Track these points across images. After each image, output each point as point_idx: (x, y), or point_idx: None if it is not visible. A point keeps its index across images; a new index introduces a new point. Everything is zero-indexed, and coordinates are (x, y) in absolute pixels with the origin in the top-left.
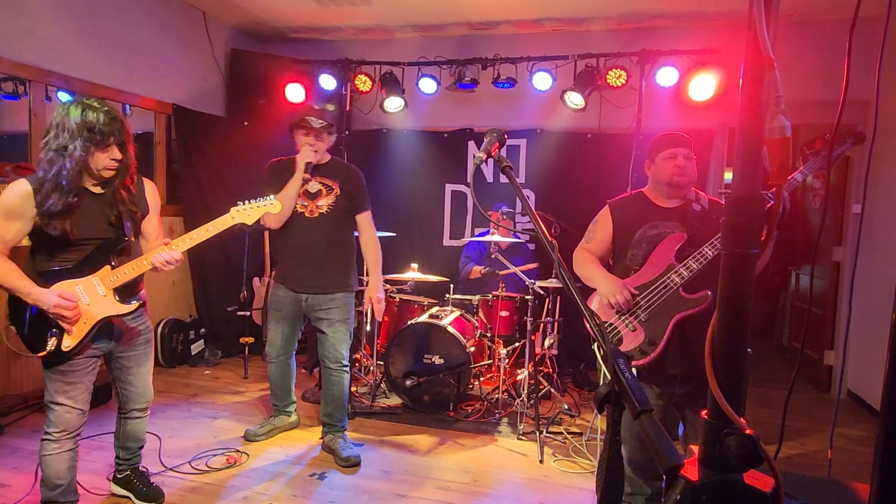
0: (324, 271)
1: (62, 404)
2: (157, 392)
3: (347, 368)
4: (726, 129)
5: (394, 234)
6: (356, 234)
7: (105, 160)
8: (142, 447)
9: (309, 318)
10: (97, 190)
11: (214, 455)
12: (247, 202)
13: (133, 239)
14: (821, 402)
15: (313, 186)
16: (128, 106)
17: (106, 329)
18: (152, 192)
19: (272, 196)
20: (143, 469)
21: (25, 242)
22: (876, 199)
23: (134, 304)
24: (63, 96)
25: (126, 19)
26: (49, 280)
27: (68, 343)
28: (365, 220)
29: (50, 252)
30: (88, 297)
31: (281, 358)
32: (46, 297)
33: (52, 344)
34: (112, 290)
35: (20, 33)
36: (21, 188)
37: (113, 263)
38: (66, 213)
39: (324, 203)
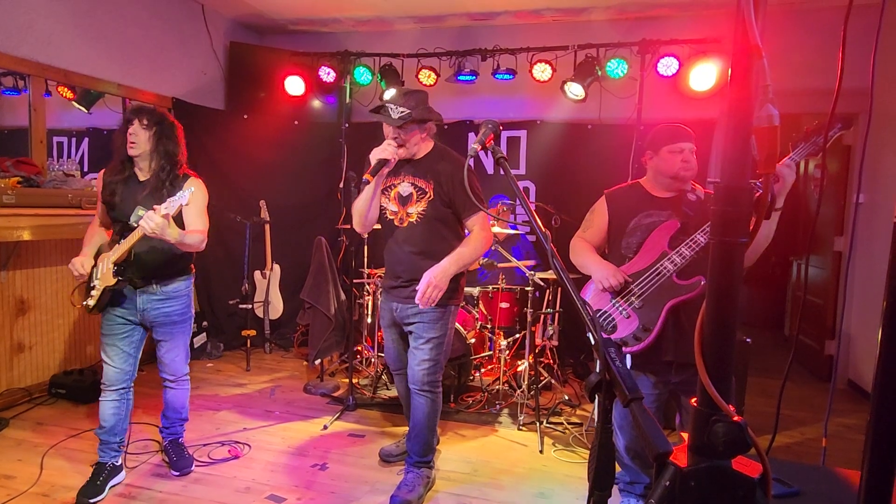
0: (412, 283)
1: (103, 360)
2: (158, 384)
3: (428, 393)
4: None
5: None
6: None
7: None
8: (183, 421)
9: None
10: (142, 177)
11: (216, 446)
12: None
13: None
14: (822, 392)
15: (405, 189)
16: (127, 100)
17: (117, 299)
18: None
19: (189, 189)
20: (182, 440)
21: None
22: (878, 187)
23: (113, 280)
24: (63, 91)
25: (124, 13)
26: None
27: (90, 304)
28: (473, 223)
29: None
30: (104, 269)
31: (404, 370)
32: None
33: (86, 302)
34: (113, 264)
35: (19, 28)
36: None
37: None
38: (112, 187)
39: (414, 210)
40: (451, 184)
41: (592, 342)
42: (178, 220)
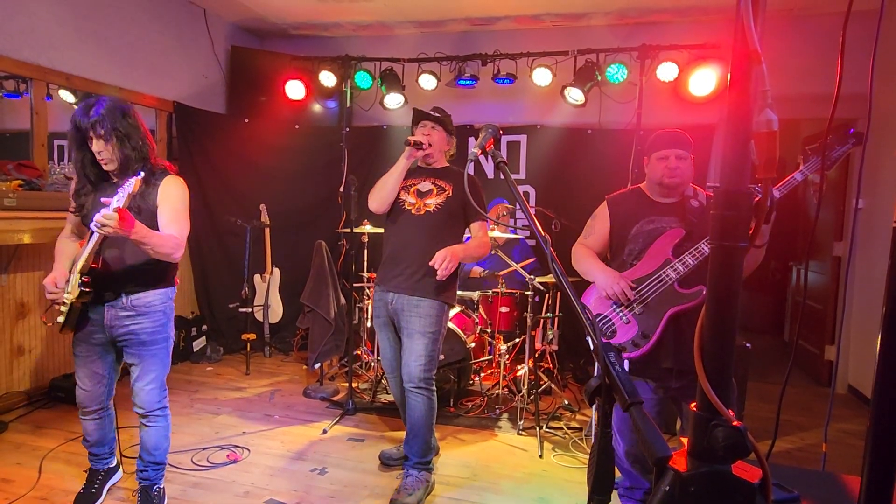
0: (416, 273)
1: (76, 380)
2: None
3: (424, 391)
4: None
5: None
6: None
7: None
8: (158, 466)
9: (395, 324)
10: (116, 179)
11: (216, 450)
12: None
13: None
14: (821, 397)
15: (425, 186)
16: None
17: (84, 317)
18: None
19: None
20: (156, 491)
21: None
22: (878, 192)
23: (75, 291)
24: (64, 94)
25: (126, 17)
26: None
27: (60, 320)
28: (478, 226)
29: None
30: (73, 282)
31: (398, 372)
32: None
33: (57, 319)
34: (79, 274)
35: (20, 31)
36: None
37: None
38: (81, 199)
39: (432, 202)
40: (470, 191)
41: (591, 346)
42: (153, 225)
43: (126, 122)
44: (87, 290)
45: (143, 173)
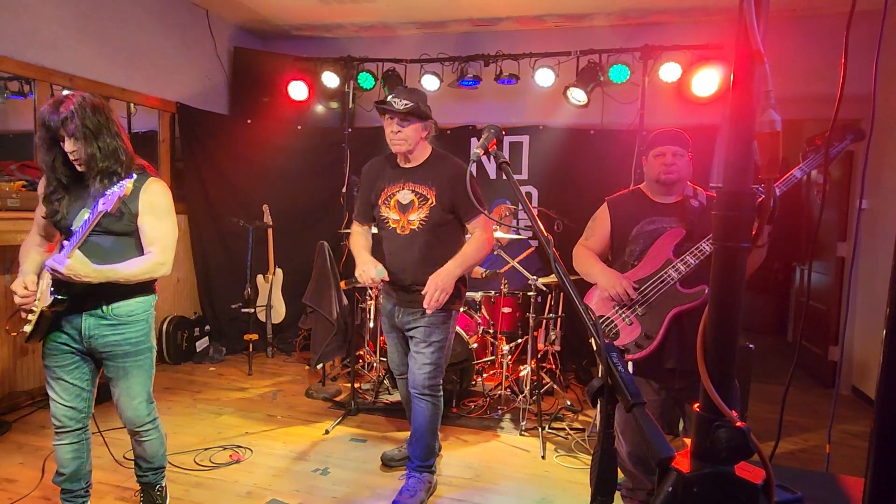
0: (414, 288)
1: (50, 396)
2: (161, 388)
3: (429, 397)
4: None
5: None
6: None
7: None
8: (157, 470)
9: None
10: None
11: (218, 451)
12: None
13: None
14: (825, 398)
15: (405, 196)
16: (132, 104)
17: (58, 323)
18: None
19: (128, 178)
20: (158, 490)
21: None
22: (881, 193)
23: (49, 299)
24: None
25: (129, 18)
26: None
27: (27, 329)
28: (475, 225)
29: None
30: (42, 288)
31: (407, 373)
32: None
33: (23, 328)
34: (51, 280)
35: (24, 33)
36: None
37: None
38: (54, 204)
39: (415, 217)
40: (453, 188)
41: (595, 347)
42: (134, 228)
43: (96, 119)
44: (62, 297)
45: (116, 198)
